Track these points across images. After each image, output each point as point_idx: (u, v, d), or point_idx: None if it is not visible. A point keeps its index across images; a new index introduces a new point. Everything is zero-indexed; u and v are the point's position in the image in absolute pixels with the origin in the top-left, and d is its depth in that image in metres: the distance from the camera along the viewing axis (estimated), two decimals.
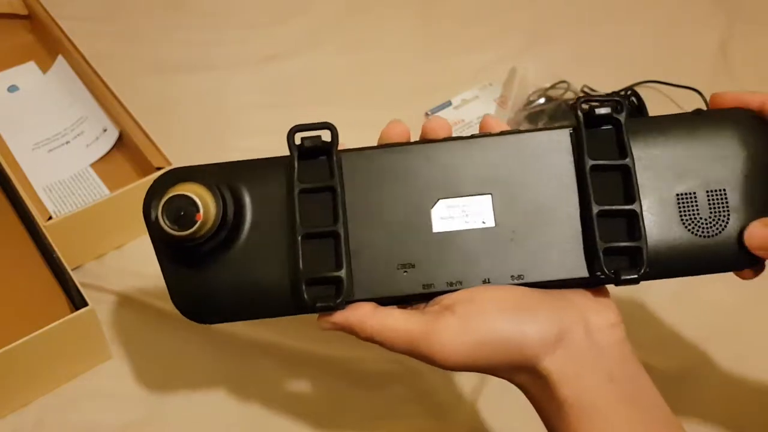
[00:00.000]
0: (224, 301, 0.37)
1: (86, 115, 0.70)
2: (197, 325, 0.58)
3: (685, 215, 0.37)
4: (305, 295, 0.36)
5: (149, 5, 0.83)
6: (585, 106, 0.37)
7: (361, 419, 0.55)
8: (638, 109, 0.73)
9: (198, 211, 0.35)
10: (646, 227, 0.36)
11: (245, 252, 0.37)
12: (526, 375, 0.36)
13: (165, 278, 0.38)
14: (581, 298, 0.37)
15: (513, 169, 0.38)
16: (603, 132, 0.37)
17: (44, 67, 0.74)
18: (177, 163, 0.60)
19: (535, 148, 0.38)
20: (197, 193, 0.35)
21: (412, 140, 0.39)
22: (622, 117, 0.37)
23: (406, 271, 0.37)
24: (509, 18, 0.85)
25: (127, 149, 0.67)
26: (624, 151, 0.37)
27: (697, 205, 0.37)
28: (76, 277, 0.53)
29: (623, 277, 0.35)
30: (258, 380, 0.56)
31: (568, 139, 0.38)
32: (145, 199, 0.37)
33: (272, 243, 0.37)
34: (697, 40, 0.84)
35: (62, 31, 0.71)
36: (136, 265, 0.61)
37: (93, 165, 0.67)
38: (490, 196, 0.37)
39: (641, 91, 0.74)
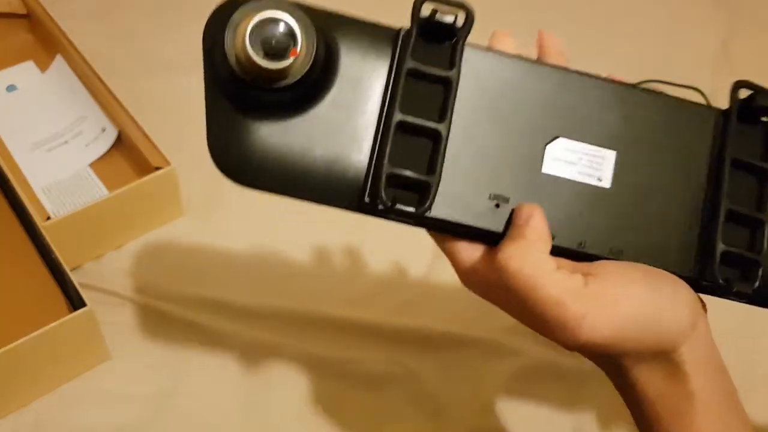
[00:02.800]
0: (275, 167, 0.31)
1: (85, 114, 0.69)
2: (196, 326, 0.58)
3: None
4: (383, 193, 0.30)
5: (149, 5, 0.83)
6: (744, 93, 0.33)
7: (360, 421, 0.55)
8: None
9: (295, 44, 0.28)
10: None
11: (322, 118, 0.31)
12: (656, 362, 0.33)
13: (208, 120, 0.31)
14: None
15: (646, 132, 0.33)
16: (751, 129, 0.34)
17: (43, 67, 0.74)
18: (176, 162, 0.60)
19: (676, 117, 0.33)
20: (292, 24, 0.29)
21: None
22: None
23: (498, 204, 0.32)
24: (509, 18, 0.85)
25: (125, 149, 0.67)
26: None
27: None
28: (75, 278, 0.52)
29: (736, 289, 0.32)
30: (258, 381, 0.56)
31: (713, 121, 0.34)
32: (212, 19, 0.31)
33: (356, 119, 0.31)
34: (699, 39, 0.83)
35: (61, 31, 0.71)
36: (136, 265, 0.61)
37: (92, 165, 0.67)
38: (615, 153, 0.33)
39: None
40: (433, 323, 0.59)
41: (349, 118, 0.31)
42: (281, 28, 0.29)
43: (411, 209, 0.30)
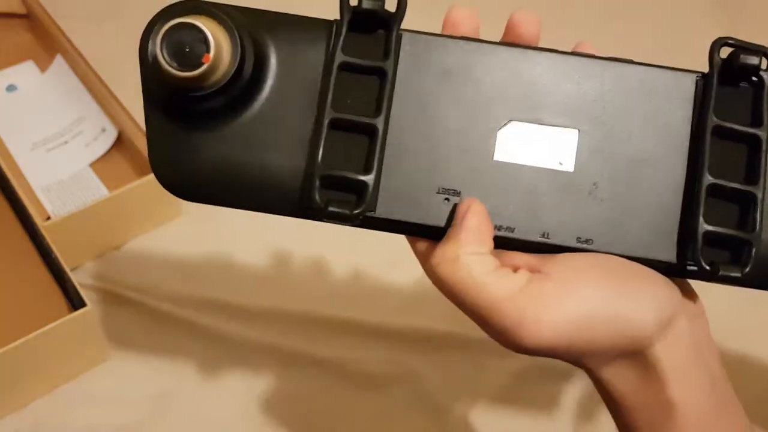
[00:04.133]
0: (216, 178, 0.30)
1: (85, 114, 0.69)
2: (196, 326, 0.58)
3: None
4: (317, 196, 0.29)
5: (148, 4, 0.83)
6: (725, 52, 0.30)
7: (360, 421, 0.55)
8: None
9: (208, 50, 0.27)
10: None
11: (256, 124, 0.30)
12: (626, 365, 0.29)
13: (148, 135, 0.30)
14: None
15: (613, 107, 0.30)
16: (737, 92, 0.30)
17: (43, 67, 0.74)
18: None
19: (648, 87, 0.31)
20: (210, 28, 0.27)
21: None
22: None
23: (447, 198, 0.30)
24: (505, 18, 0.85)
25: (125, 149, 0.67)
26: (759, 119, 0.30)
27: None
28: (75, 278, 0.52)
29: (722, 273, 0.28)
30: (258, 381, 0.56)
31: (693, 87, 0.31)
32: (144, 30, 0.30)
33: (292, 122, 0.30)
34: (698, 39, 0.83)
35: (61, 31, 0.70)
36: (135, 265, 0.61)
37: (92, 165, 0.67)
38: (577, 132, 0.30)
39: None
40: (433, 323, 0.59)
41: (286, 121, 0.30)
42: (194, 34, 0.27)
43: (346, 211, 0.29)
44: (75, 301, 0.53)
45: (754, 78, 0.30)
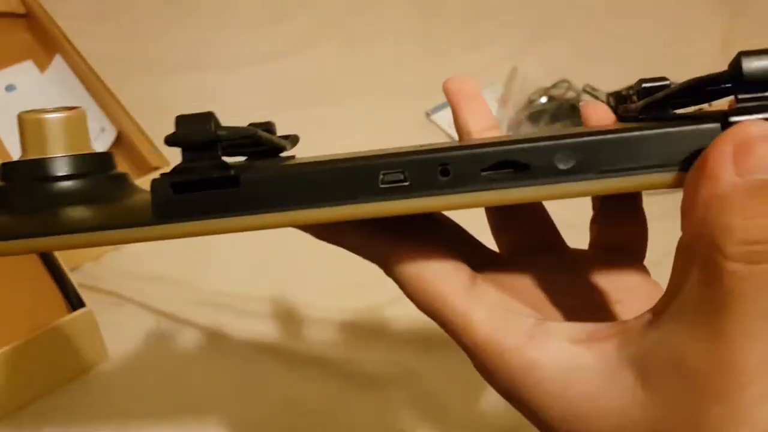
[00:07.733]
0: None
1: None
2: (196, 326, 0.58)
3: None
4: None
5: (148, 4, 0.83)
6: None
7: (360, 421, 0.55)
8: None
9: None
10: None
11: None
12: None
13: None
14: None
15: None
16: None
17: (42, 66, 0.74)
18: (176, 162, 0.60)
19: None
20: None
21: None
22: None
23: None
24: (510, 17, 0.85)
25: (124, 149, 0.67)
26: None
27: None
28: (74, 278, 0.52)
29: None
30: (257, 382, 0.56)
31: None
32: None
33: None
34: (700, 38, 0.83)
35: (60, 30, 0.70)
36: (134, 266, 0.61)
37: None
38: None
39: None
40: (433, 323, 0.58)
41: None
42: None
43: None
44: (74, 302, 0.53)
45: None
